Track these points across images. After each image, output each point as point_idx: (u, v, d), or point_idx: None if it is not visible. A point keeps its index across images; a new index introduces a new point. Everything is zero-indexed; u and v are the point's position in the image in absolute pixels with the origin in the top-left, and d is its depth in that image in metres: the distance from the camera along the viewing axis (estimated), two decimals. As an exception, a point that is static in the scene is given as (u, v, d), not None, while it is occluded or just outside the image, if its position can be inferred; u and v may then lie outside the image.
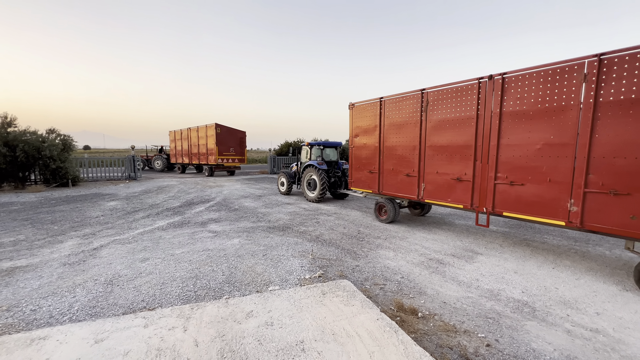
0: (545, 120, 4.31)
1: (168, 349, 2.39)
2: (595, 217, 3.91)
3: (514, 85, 4.61)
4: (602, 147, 3.81)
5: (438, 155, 5.80)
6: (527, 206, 4.58)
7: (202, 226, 6.44)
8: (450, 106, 5.51)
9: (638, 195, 3.56)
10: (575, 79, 3.97)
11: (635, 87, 3.49)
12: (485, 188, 5.05)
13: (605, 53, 3.72)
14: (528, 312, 3.15)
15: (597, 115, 3.81)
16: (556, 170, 4.25)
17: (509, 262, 4.55)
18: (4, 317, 2.95)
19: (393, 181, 6.83)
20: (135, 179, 15.15)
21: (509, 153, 4.74)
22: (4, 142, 10.46)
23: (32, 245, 5.08)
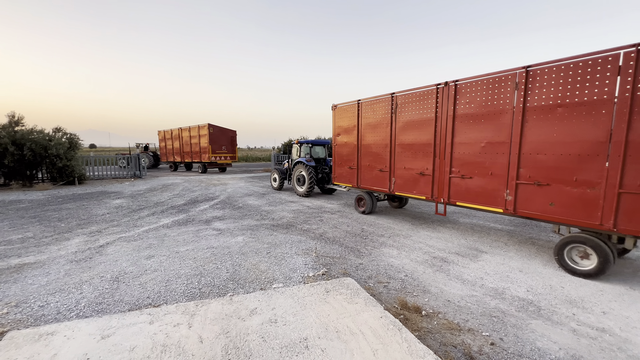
0: (487, 122, 4.97)
1: (173, 345, 2.41)
2: (524, 204, 4.57)
3: (464, 91, 5.23)
4: (529, 145, 4.48)
5: (405, 152, 6.46)
6: (474, 196, 5.25)
7: (207, 224, 6.48)
8: (415, 108, 6.17)
9: (555, 186, 4.23)
10: (510, 87, 4.63)
11: (552, 95, 4.16)
12: (443, 181, 5.72)
13: (531, 65, 4.36)
14: (533, 311, 3.13)
15: (525, 118, 4.48)
16: (496, 165, 4.91)
17: (514, 261, 4.51)
18: (12, 313, 3.00)
19: (369, 176, 7.47)
20: (140, 177, 15.28)
21: (461, 150, 5.39)
22: (12, 141, 10.60)
23: (40, 243, 5.15)
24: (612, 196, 3.71)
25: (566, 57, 4.03)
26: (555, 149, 4.21)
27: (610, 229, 3.76)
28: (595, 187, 3.87)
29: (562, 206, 4.18)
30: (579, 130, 3.98)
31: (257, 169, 22.83)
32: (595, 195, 3.88)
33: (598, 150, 3.84)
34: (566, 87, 4.06)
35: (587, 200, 3.96)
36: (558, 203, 4.22)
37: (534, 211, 4.46)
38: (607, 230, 3.83)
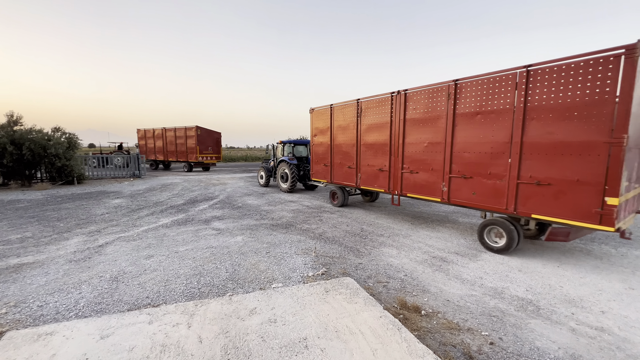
0: (429, 125, 5.83)
1: (172, 345, 2.41)
2: (455, 194, 5.46)
3: (412, 99, 6.10)
4: (458, 145, 5.35)
5: (368, 151, 7.31)
6: (420, 188, 6.11)
7: (206, 224, 6.48)
8: (375, 113, 7.01)
9: (476, 178, 5.12)
10: (444, 96, 5.49)
11: (473, 103, 5.06)
12: (397, 176, 6.59)
13: (458, 79, 5.24)
14: (532, 311, 3.14)
15: (455, 122, 5.34)
16: (435, 162, 5.77)
17: (513, 260, 4.52)
18: (11, 313, 2.99)
19: (340, 172, 8.33)
20: (139, 176, 15.26)
21: (410, 149, 6.26)
22: (10, 141, 10.57)
23: (39, 242, 5.14)
24: (513, 186, 4.62)
25: (482, 73, 4.96)
26: (475, 148, 5.11)
27: (512, 212, 4.65)
28: (502, 179, 4.78)
29: (481, 195, 5.08)
30: (491, 133, 4.88)
31: (256, 169, 22.82)
32: (502, 185, 4.78)
33: (503, 149, 4.74)
34: (482, 97, 4.96)
35: (497, 189, 4.85)
36: (478, 192, 5.12)
37: (462, 200, 5.37)
38: (510, 213, 4.70)
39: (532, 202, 4.45)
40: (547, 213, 4.31)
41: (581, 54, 3.92)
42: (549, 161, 4.27)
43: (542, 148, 4.32)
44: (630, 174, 4.06)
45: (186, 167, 19.62)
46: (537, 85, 4.31)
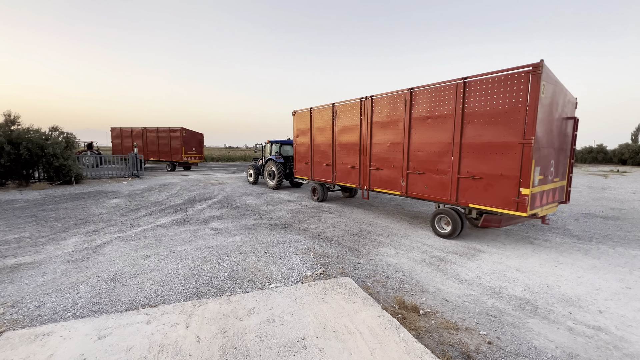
0: (391, 127, 6.58)
1: (170, 345, 2.40)
2: (412, 188, 6.24)
3: (377, 103, 6.85)
4: (413, 145, 6.13)
5: (342, 150, 8.06)
6: (384, 184, 6.85)
7: (204, 223, 6.47)
8: (347, 116, 7.78)
9: (428, 174, 5.90)
10: (402, 102, 6.26)
11: (424, 109, 5.85)
12: (366, 172, 7.33)
13: (413, 87, 5.98)
14: (530, 310, 3.15)
15: (411, 125, 6.13)
16: (396, 160, 6.52)
17: (511, 260, 4.54)
18: (8, 313, 2.98)
19: (319, 170, 9.10)
20: (137, 176, 15.22)
21: (376, 149, 7.00)
22: (8, 140, 10.52)
23: (36, 242, 5.12)
24: (455, 180, 5.41)
25: (432, 83, 5.68)
26: (427, 148, 5.89)
27: (454, 202, 5.46)
28: (446, 174, 5.57)
29: (431, 188, 5.87)
30: (439, 135, 5.64)
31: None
32: (447, 179, 5.57)
33: (448, 149, 5.52)
34: (432, 104, 5.71)
35: (443, 183, 5.64)
36: (429, 186, 5.89)
37: (417, 193, 6.15)
38: (453, 204, 5.52)
39: (469, 194, 5.28)
40: (480, 202, 5.13)
41: (501, 69, 4.69)
42: (481, 158, 5.07)
43: (475, 148, 5.14)
44: (545, 169, 4.88)
45: (169, 166, 20.33)
46: (471, 95, 5.10)
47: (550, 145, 4.97)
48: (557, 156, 5.33)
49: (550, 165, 5.07)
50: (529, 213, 4.55)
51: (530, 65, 4.35)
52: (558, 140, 5.30)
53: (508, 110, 4.64)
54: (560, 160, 5.48)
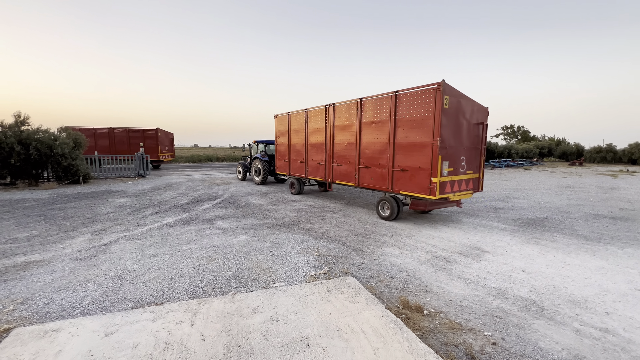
0: (347, 130, 7.92)
1: (175, 342, 2.43)
2: (362, 180, 7.55)
3: (337, 109, 8.18)
4: (362, 144, 7.45)
5: (313, 149, 9.34)
6: (343, 177, 8.19)
7: (209, 223, 6.52)
8: (316, 120, 9.08)
9: (372, 168, 7.19)
10: (355, 109, 7.59)
11: (370, 115, 7.19)
12: (330, 168, 8.63)
13: (362, 97, 7.31)
14: (536, 311, 3.12)
15: (361, 128, 7.46)
16: (351, 157, 7.84)
17: (517, 261, 4.49)
18: (18, 310, 3.04)
19: (295, 166, 10.38)
20: (144, 176, 15.38)
21: (337, 148, 8.31)
22: (18, 141, 10.72)
23: (45, 241, 5.22)
24: (390, 172, 6.73)
25: (375, 94, 7.04)
26: (372, 147, 7.22)
27: (390, 190, 6.80)
28: (385, 168, 6.87)
29: (376, 179, 7.16)
30: (379, 136, 6.98)
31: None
32: (385, 172, 6.88)
33: (386, 148, 6.83)
34: (375, 111, 7.06)
35: (383, 175, 6.94)
36: (374, 178, 7.21)
37: (366, 184, 7.45)
38: (390, 191, 6.86)
39: (400, 183, 6.58)
40: (407, 189, 6.44)
41: (419, 85, 6.00)
42: (406, 155, 6.40)
43: (403, 147, 6.46)
44: (455, 163, 6.16)
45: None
46: (400, 105, 6.44)
47: (459, 145, 6.27)
48: (469, 154, 6.57)
49: (460, 161, 6.35)
50: (438, 197, 5.86)
51: (436, 83, 5.68)
52: (469, 141, 6.54)
53: (423, 118, 5.98)
54: (472, 157, 6.70)
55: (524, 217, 7.29)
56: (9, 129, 11.01)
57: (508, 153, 32.37)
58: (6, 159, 10.68)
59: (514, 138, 54.28)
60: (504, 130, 55.87)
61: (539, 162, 32.15)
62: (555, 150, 39.74)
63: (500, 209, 8.35)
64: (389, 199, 6.84)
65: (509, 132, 55.38)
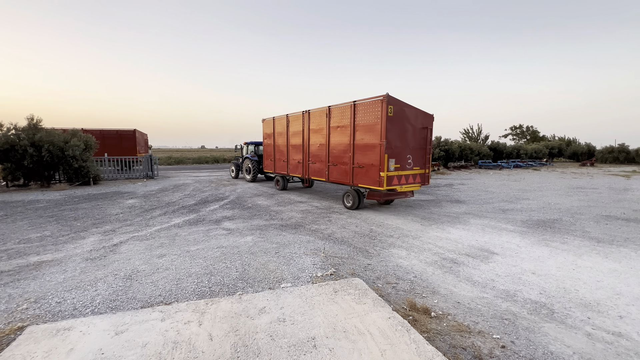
0: (319, 133, 9.14)
1: (184, 342, 2.46)
2: (331, 176, 8.76)
3: (312, 115, 9.40)
4: (331, 145, 8.67)
5: (293, 149, 10.60)
6: (317, 173, 9.40)
7: (217, 224, 6.57)
8: (295, 124, 10.31)
9: (338, 165, 8.42)
10: (324, 115, 8.83)
11: (336, 120, 8.39)
12: (306, 166, 9.88)
13: (331, 105, 8.56)
14: (546, 314, 3.07)
15: (329, 131, 8.69)
16: (322, 156, 9.07)
17: (526, 263, 4.43)
18: (32, 309, 3.11)
19: (280, 165, 11.63)
20: (152, 177, 15.59)
21: (312, 148, 9.52)
22: (30, 143, 10.97)
23: (57, 241, 5.33)
24: (351, 169, 7.97)
25: (340, 102, 8.27)
26: (338, 147, 8.45)
27: (352, 184, 8.06)
28: (347, 165, 8.10)
29: (341, 175, 8.40)
30: (343, 138, 8.22)
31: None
32: (348, 169, 8.12)
33: (348, 148, 8.06)
34: (340, 117, 8.29)
35: (346, 171, 8.18)
36: (340, 174, 8.44)
37: (334, 179, 8.69)
38: (352, 185, 8.10)
39: (358, 178, 7.83)
40: (364, 183, 7.69)
41: (371, 97, 7.26)
42: (362, 154, 7.63)
43: (360, 147, 7.69)
44: (401, 161, 7.44)
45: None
46: (357, 112, 7.69)
47: (405, 146, 7.53)
48: (415, 153, 7.83)
49: (407, 159, 7.59)
50: (386, 188, 7.13)
51: (382, 95, 6.97)
52: (415, 143, 7.79)
53: (373, 123, 7.24)
54: (418, 155, 7.95)
55: (533, 219, 7.18)
56: (22, 131, 11.28)
57: (517, 153, 31.93)
58: (20, 161, 10.95)
59: (522, 138, 53.49)
60: (512, 131, 55.12)
61: (548, 162, 31.63)
62: (566, 151, 39.05)
63: (508, 210, 8.23)
64: (351, 192, 8.22)
65: (518, 132, 54.60)
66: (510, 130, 55.17)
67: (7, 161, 11.02)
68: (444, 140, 25.74)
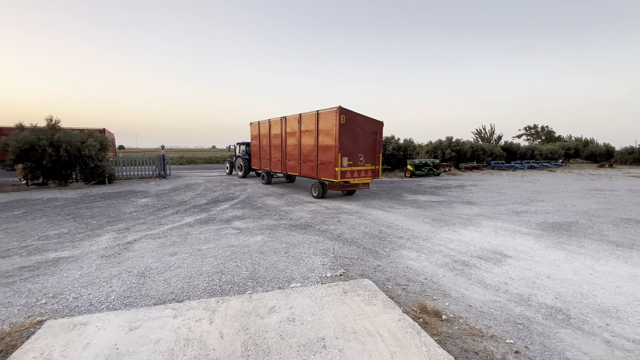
0: (293, 136, 10.78)
1: (195, 339, 2.50)
2: (302, 171, 10.44)
3: (288, 120, 11.08)
4: (302, 146, 10.28)
5: (274, 149, 12.40)
6: (292, 169, 11.13)
7: (227, 223, 6.65)
8: (276, 127, 12.09)
9: (307, 162, 10.12)
10: (297, 121, 10.47)
11: (305, 126, 10.09)
12: (284, 163, 11.61)
13: (301, 113, 10.21)
14: (562, 320, 2.98)
15: (301, 134, 10.33)
16: (296, 154, 10.71)
17: (541, 266, 4.32)
18: (50, 303, 3.22)
19: (264, 162, 13.42)
20: (165, 177, 15.89)
21: (288, 148, 11.23)
22: (49, 143, 11.34)
23: (74, 238, 5.49)
24: (316, 165, 9.59)
25: (308, 111, 9.90)
26: (307, 147, 10.08)
27: (317, 177, 9.67)
28: (313, 162, 9.68)
29: (309, 170, 10.08)
30: (310, 140, 9.82)
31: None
32: (314, 165, 9.72)
33: (313, 148, 9.69)
34: (308, 123, 9.92)
35: (313, 167, 9.81)
36: (308, 169, 10.11)
37: (305, 174, 10.37)
38: (317, 178, 9.71)
39: (321, 172, 9.48)
40: (325, 176, 9.34)
41: (329, 107, 8.92)
42: (323, 153, 9.31)
43: (322, 147, 9.37)
44: (354, 158, 9.11)
45: None
46: (320, 119, 9.34)
47: (357, 147, 9.20)
48: (366, 153, 9.47)
49: (358, 157, 9.27)
50: (340, 180, 8.88)
51: (336, 107, 8.62)
52: (365, 144, 9.43)
53: (330, 128, 8.95)
54: (370, 154, 9.57)
55: (548, 221, 7.00)
56: (41, 132, 11.67)
57: (531, 154, 31.17)
58: (39, 160, 11.33)
59: (537, 138, 52.19)
60: (526, 131, 53.87)
61: (564, 163, 30.77)
62: (583, 151, 37.91)
63: (522, 212, 8.04)
64: (317, 184, 9.94)
65: (532, 132, 53.31)
66: (525, 130, 53.96)
67: (27, 160, 11.42)
68: (455, 140, 25.33)
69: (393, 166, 21.12)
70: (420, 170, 18.20)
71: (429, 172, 18.46)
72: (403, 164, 20.72)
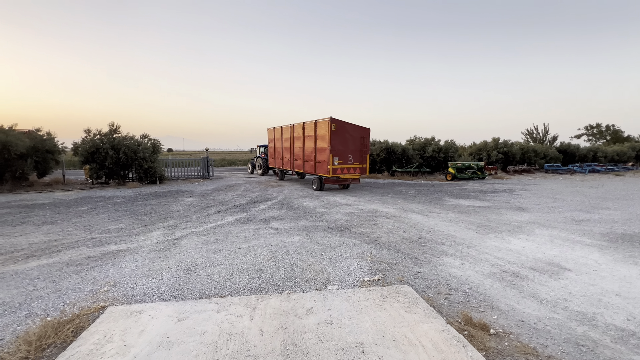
0: (298, 140, 13.21)
1: (237, 334, 2.59)
2: (305, 169, 12.94)
3: (295, 127, 13.50)
4: (305, 148, 12.81)
5: (285, 150, 14.72)
6: (298, 167, 13.36)
7: (265, 223, 6.85)
8: (287, 133, 14.38)
9: (309, 161, 12.58)
10: (301, 128, 12.91)
11: (307, 132, 12.53)
12: (292, 162, 13.96)
13: (305, 121, 12.72)
14: (636, 345, 2.61)
15: (304, 139, 12.75)
16: (301, 155, 13.11)
17: (608, 282, 3.83)
18: (111, 291, 3.56)
19: (278, 162, 15.87)
20: (208, 177, 16.85)
21: (295, 150, 13.62)
22: (111, 146, 12.64)
23: (130, 233, 6.02)
24: (315, 164, 12.04)
25: (309, 120, 12.23)
26: (308, 149, 12.46)
27: (316, 174, 12.13)
28: (313, 161, 12.08)
29: (310, 168, 12.40)
30: (311, 144, 12.21)
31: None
32: (314, 163, 12.10)
33: (313, 150, 12.05)
34: (309, 129, 12.28)
35: (313, 165, 12.19)
36: (309, 167, 12.46)
37: (307, 171, 12.73)
38: (317, 174, 12.09)
39: (319, 169, 11.77)
40: (321, 173, 11.67)
41: (324, 118, 11.33)
42: (320, 154, 11.56)
43: (319, 150, 11.62)
44: (343, 158, 11.32)
45: None
46: (317, 127, 11.63)
47: (346, 149, 11.36)
48: (355, 154, 11.58)
49: (347, 157, 11.40)
50: (331, 175, 11.11)
51: (328, 117, 10.88)
52: (354, 147, 11.55)
53: (324, 134, 11.16)
54: (358, 155, 11.66)
55: (616, 232, 6.21)
56: (104, 136, 13.05)
57: (593, 156, 28.02)
58: (102, 161, 12.67)
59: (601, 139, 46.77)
60: (587, 130, 48.54)
61: (635, 166, 27.16)
62: (658, 153, 33.14)
63: (583, 220, 7.23)
64: (315, 179, 12.19)
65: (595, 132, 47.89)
66: (585, 130, 48.67)
67: (93, 162, 12.83)
68: (502, 141, 23.59)
69: (433, 169, 20.25)
70: (462, 173, 17.23)
71: (473, 176, 17.40)
72: (444, 166, 19.78)
